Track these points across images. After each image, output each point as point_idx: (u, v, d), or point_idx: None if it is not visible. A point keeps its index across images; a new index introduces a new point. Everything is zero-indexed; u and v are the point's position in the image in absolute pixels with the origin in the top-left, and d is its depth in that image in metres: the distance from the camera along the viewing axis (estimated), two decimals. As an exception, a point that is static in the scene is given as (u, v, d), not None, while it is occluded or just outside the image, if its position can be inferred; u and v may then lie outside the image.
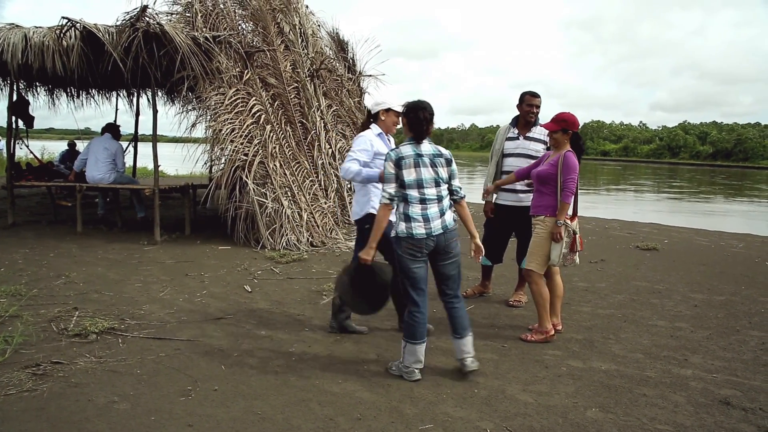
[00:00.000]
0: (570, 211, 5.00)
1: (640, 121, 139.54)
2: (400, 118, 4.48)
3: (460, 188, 4.30)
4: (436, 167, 4.14)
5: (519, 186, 5.88)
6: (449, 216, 4.18)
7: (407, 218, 4.06)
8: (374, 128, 5.03)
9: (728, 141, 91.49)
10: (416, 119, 4.14)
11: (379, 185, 4.65)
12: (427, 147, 4.16)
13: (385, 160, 4.12)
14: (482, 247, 4.37)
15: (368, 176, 4.77)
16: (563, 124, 4.97)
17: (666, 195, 28.60)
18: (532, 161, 5.59)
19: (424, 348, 4.23)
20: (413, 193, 4.08)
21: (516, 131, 6.04)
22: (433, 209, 4.10)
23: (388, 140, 5.10)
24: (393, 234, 4.15)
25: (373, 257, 4.24)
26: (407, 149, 4.12)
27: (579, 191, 5.16)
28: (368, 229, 4.80)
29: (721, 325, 5.68)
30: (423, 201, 4.09)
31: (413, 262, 4.11)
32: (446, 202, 4.20)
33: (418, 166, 4.09)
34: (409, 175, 4.07)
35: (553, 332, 5.13)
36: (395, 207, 4.15)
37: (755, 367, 4.58)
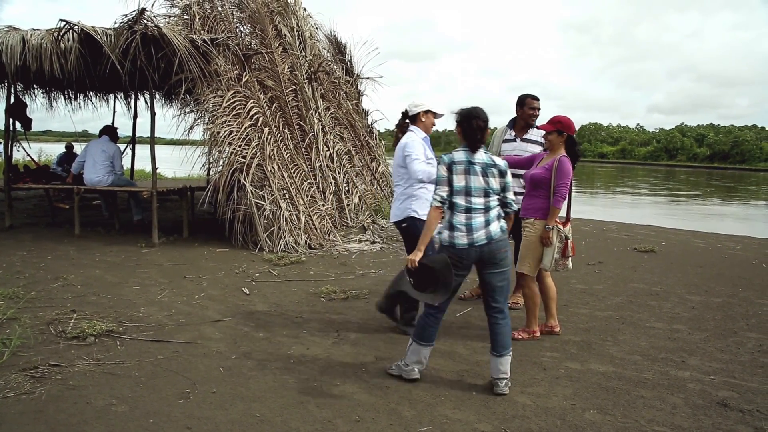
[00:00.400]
0: (563, 216, 5.02)
1: (638, 124, 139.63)
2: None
3: (513, 201, 4.22)
4: (487, 177, 4.05)
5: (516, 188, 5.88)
6: (495, 226, 4.05)
7: (451, 227, 4.03)
8: (417, 132, 5.04)
9: (725, 143, 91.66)
10: (470, 128, 4.07)
11: (423, 191, 4.86)
12: (480, 156, 4.08)
13: (439, 164, 4.10)
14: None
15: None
16: (558, 125, 5.00)
17: (663, 197, 28.63)
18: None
19: (429, 352, 4.23)
20: (460, 200, 4.02)
21: (513, 133, 6.07)
22: (478, 219, 4.02)
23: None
24: (437, 239, 4.13)
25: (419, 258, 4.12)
26: (460, 155, 4.06)
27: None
28: (405, 228, 4.98)
29: (718, 327, 5.69)
30: (468, 210, 4.02)
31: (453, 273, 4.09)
32: (494, 212, 4.08)
33: (468, 173, 4.03)
34: (458, 181, 4.02)
35: (538, 334, 5.21)
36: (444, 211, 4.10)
37: (752, 369, 4.59)
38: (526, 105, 5.96)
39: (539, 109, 5.96)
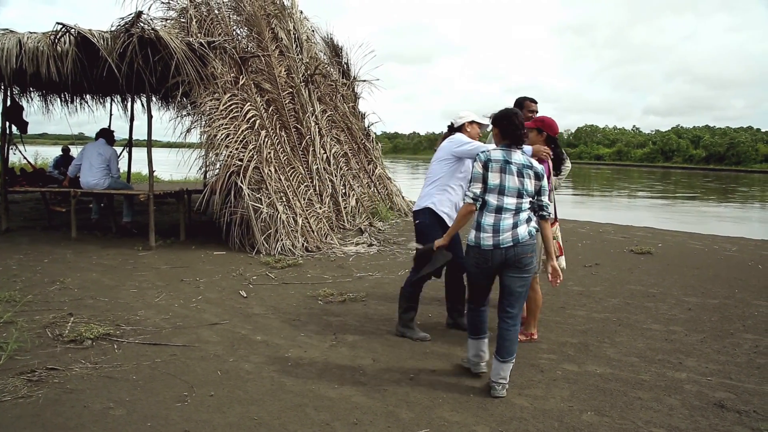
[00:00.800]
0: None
1: (634, 126, 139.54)
2: (491, 129, 4.49)
3: (548, 205, 4.22)
4: (523, 177, 4.04)
5: None
6: (524, 229, 4.00)
7: (478, 227, 4.05)
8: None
9: (721, 145, 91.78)
10: (511, 125, 4.11)
11: (449, 190, 5.14)
12: (518, 156, 4.08)
13: (474, 161, 4.11)
14: (559, 270, 4.28)
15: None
16: (539, 123, 5.09)
17: (659, 199, 28.69)
18: None
19: (484, 344, 4.31)
20: (492, 199, 4.02)
21: None
22: (507, 220, 4.00)
23: None
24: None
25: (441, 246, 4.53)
26: (497, 154, 4.07)
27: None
28: (419, 224, 5.20)
29: (715, 328, 5.71)
30: (499, 210, 4.01)
31: (477, 274, 4.13)
32: (524, 215, 4.05)
33: (503, 172, 4.02)
34: (493, 179, 4.02)
35: (536, 336, 5.25)
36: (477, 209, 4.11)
37: (749, 370, 4.61)
38: (525, 108, 5.95)
39: (537, 112, 5.95)
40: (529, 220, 4.07)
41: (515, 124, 4.11)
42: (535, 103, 5.98)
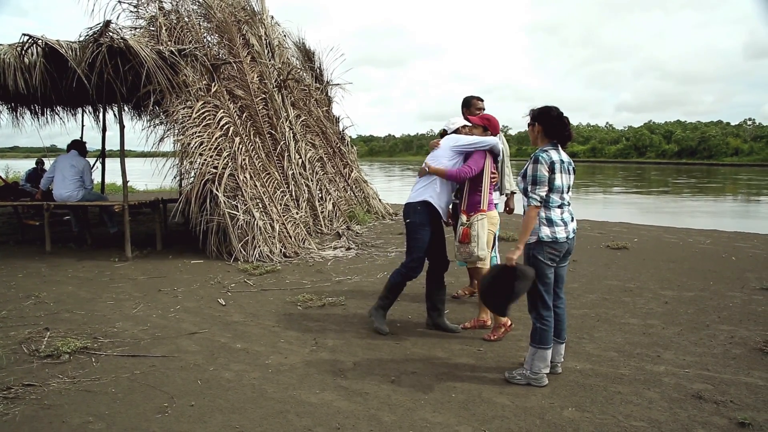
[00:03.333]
0: (466, 206, 5.19)
1: (607, 122, 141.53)
2: (528, 128, 4.49)
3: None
4: (569, 174, 4.24)
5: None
6: (575, 222, 4.32)
7: (550, 222, 4.11)
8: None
9: (692, 139, 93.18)
10: (560, 123, 4.15)
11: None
12: (564, 154, 4.21)
13: (538, 163, 4.07)
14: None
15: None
16: (485, 122, 5.32)
17: (634, 194, 29.00)
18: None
19: (551, 352, 4.26)
20: (556, 197, 4.12)
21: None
22: (567, 214, 4.21)
23: None
24: (534, 239, 4.13)
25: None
26: (555, 155, 4.12)
27: (491, 190, 5.28)
28: (409, 223, 5.26)
29: (691, 320, 5.78)
30: (561, 206, 4.17)
31: (549, 268, 4.17)
32: (571, 208, 4.31)
33: (562, 171, 4.13)
34: (559, 179, 4.10)
35: (510, 323, 5.26)
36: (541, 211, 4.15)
37: (725, 361, 4.68)
38: (472, 106, 6.08)
39: (484, 109, 6.06)
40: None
41: (563, 122, 4.16)
42: (482, 100, 6.14)
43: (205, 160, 8.85)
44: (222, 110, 9.54)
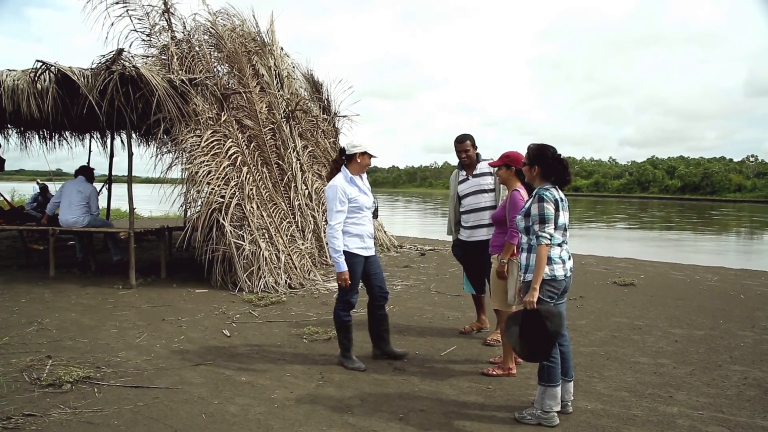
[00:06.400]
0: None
1: (610, 157, 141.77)
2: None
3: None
4: (568, 212, 4.27)
5: (471, 223, 6.20)
6: (572, 260, 4.34)
7: (549, 260, 4.11)
8: (344, 173, 5.25)
9: (695, 175, 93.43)
10: (560, 164, 4.20)
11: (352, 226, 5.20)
12: (561, 193, 4.24)
13: (544, 201, 4.08)
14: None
15: (335, 256, 5.13)
16: (506, 159, 5.22)
17: (639, 230, 28.94)
18: (486, 194, 6.07)
19: (560, 389, 4.21)
20: (557, 235, 4.16)
21: (464, 173, 6.35)
22: (565, 252, 4.23)
23: (360, 178, 5.40)
24: (531, 278, 4.13)
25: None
26: (556, 193, 4.17)
27: None
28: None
29: (702, 360, 5.70)
30: (561, 244, 4.21)
31: (549, 305, 4.16)
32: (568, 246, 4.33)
33: (563, 209, 4.18)
34: (562, 217, 4.16)
35: (515, 371, 5.18)
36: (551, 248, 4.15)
37: (740, 403, 4.59)
38: (456, 149, 6.27)
39: (467, 150, 6.19)
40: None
41: (563, 164, 4.21)
42: (462, 141, 6.25)
43: (213, 189, 8.84)
44: (231, 140, 9.56)
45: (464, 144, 6.19)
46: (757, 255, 18.38)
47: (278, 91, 11.80)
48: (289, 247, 9.54)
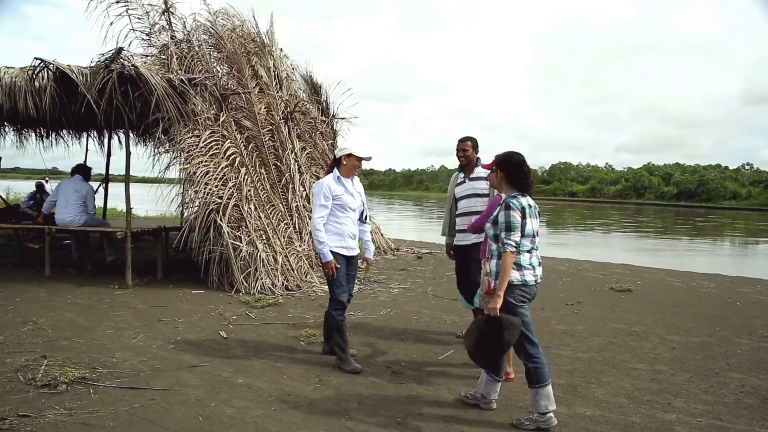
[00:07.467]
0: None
1: (606, 163, 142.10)
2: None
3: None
4: (537, 218, 4.28)
5: (464, 226, 6.08)
6: (541, 266, 4.35)
7: (519, 266, 4.15)
8: (334, 173, 5.49)
9: (691, 182, 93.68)
10: (521, 172, 4.25)
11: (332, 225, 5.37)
12: (530, 199, 4.28)
13: (510, 209, 4.12)
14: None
15: (320, 247, 5.31)
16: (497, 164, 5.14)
17: (635, 235, 28.97)
18: (480, 198, 5.98)
19: (550, 388, 4.22)
20: (526, 242, 4.19)
21: (462, 176, 6.31)
22: (535, 259, 4.25)
23: (351, 181, 5.58)
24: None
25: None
26: (526, 200, 4.21)
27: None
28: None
29: (700, 367, 5.69)
30: (530, 251, 4.23)
31: (523, 309, 4.20)
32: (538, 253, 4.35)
33: (531, 216, 4.19)
34: (530, 225, 4.17)
35: (512, 376, 5.17)
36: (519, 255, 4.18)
37: (738, 410, 4.58)
38: (456, 147, 6.25)
39: (466, 150, 6.16)
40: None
41: (524, 171, 4.26)
42: (464, 141, 6.21)
43: (210, 189, 8.81)
44: (229, 140, 9.54)
45: (464, 143, 6.16)
46: (752, 262, 18.40)
47: (277, 92, 11.77)
48: (287, 248, 9.51)
